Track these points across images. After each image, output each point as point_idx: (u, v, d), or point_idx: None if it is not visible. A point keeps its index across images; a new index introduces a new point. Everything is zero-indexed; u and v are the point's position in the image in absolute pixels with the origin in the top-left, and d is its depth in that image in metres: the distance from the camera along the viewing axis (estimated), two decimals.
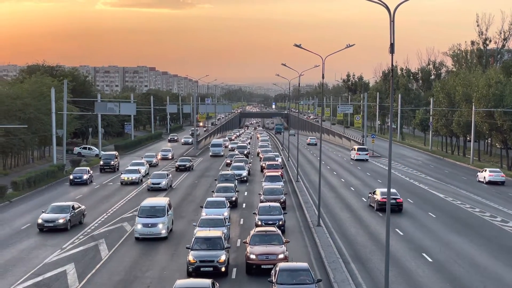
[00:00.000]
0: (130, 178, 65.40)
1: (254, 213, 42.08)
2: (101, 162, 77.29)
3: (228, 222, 40.14)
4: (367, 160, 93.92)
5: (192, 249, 31.53)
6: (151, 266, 33.42)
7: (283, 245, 32.31)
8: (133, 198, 56.65)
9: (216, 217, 38.97)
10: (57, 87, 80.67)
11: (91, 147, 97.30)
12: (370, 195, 51.91)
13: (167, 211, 40.09)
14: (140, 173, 67.27)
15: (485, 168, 73.28)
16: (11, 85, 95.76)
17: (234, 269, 32.56)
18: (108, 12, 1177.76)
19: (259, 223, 39.78)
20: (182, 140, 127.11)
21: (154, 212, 39.64)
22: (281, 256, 31.28)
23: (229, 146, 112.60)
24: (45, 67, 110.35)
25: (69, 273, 31.83)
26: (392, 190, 52.35)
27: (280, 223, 40.08)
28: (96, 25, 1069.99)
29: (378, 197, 50.05)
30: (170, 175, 63.76)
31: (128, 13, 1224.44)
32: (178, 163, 78.01)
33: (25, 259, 35.03)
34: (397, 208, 48.86)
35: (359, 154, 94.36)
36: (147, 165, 75.34)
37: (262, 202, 47.86)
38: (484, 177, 70.58)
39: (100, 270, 32.63)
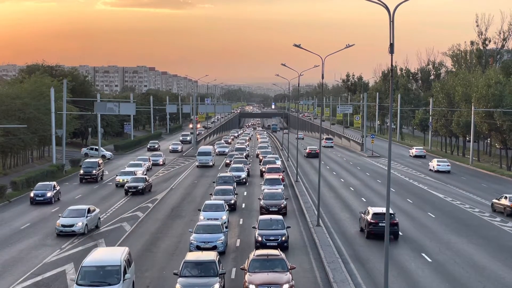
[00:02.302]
0: (125, 180, 61.96)
1: (254, 227, 37.81)
2: (81, 171, 67.32)
3: (226, 228, 37.58)
4: (332, 146, 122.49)
5: (180, 276, 27.10)
6: (151, 266, 33.42)
7: (288, 272, 27.93)
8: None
9: (213, 222, 36.97)
10: (57, 87, 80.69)
11: (98, 147, 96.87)
12: (304, 150, 65.19)
13: (124, 273, 26.28)
14: (135, 175, 64.68)
15: (413, 146, 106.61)
16: (10, 85, 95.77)
17: (234, 269, 32.58)
18: (108, 12, 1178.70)
19: (259, 238, 35.78)
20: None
21: (103, 276, 26.00)
22: (285, 286, 27.15)
23: (217, 150, 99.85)
24: (45, 67, 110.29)
25: (68, 273, 31.83)
26: (314, 147, 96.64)
27: (283, 238, 36.02)
28: (96, 25, 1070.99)
29: (307, 150, 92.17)
30: (97, 210, 44.33)
31: (128, 13, 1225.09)
32: (128, 184, 58.74)
33: (24, 259, 35.03)
34: (316, 156, 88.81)
35: (326, 142, 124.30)
36: (145, 166, 73.82)
37: (262, 208, 46.50)
38: (412, 152, 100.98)
39: None
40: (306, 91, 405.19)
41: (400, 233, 41.39)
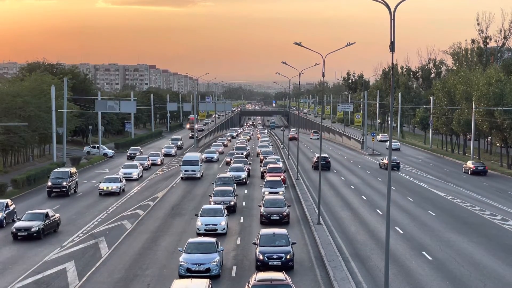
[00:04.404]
0: (109, 188, 56.48)
1: (254, 243, 33.61)
2: (49, 183, 56.18)
3: (221, 247, 32.59)
4: (318, 138, 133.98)
5: None
6: (151, 264, 33.44)
7: None
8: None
9: (207, 240, 32.62)
10: (57, 85, 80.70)
11: (98, 145, 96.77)
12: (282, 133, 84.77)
13: None
14: (122, 181, 58.49)
15: (379, 134, 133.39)
16: (11, 83, 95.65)
17: (234, 267, 32.61)
18: (109, 10, 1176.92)
19: (261, 257, 31.49)
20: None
21: None
22: None
23: (204, 156, 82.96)
24: (45, 65, 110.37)
25: (69, 271, 31.87)
26: (294, 134, 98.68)
27: (288, 257, 31.74)
28: (97, 23, 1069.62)
29: (289, 135, 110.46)
30: None
31: (129, 11, 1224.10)
32: (17, 224, 39.68)
33: (25, 257, 35.04)
34: (295, 139, 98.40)
35: (313, 135, 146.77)
36: (140, 168, 70.06)
37: (262, 216, 43.27)
38: (379, 138, 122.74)
39: (100, 268, 32.65)
40: (307, 89, 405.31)
41: (400, 231, 41.55)
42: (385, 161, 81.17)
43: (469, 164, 79.84)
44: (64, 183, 55.89)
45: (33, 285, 29.88)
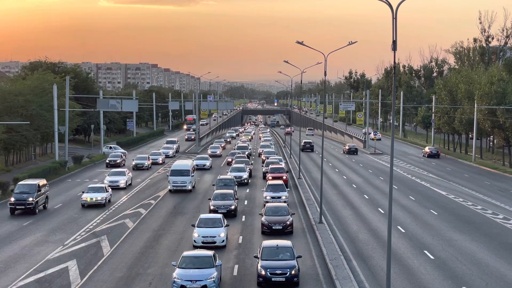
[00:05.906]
0: (94, 199, 49.79)
1: (256, 256, 30.86)
2: (12, 199, 47.09)
3: (219, 261, 29.96)
4: (312, 135, 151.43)
5: None
6: (153, 263, 33.47)
7: None
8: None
9: (203, 253, 29.80)
10: (59, 84, 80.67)
11: (112, 146, 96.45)
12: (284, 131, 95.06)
13: None
14: (107, 191, 51.45)
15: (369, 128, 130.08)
16: (13, 81, 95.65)
17: (236, 266, 32.62)
18: (111, 9, 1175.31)
19: (263, 272, 28.83)
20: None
21: None
22: None
23: (194, 163, 68.35)
24: (47, 64, 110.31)
25: (71, 270, 31.91)
26: (289, 130, 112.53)
27: (293, 272, 28.93)
28: (99, 21, 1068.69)
29: (284, 131, 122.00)
30: None
31: (132, 10, 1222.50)
32: None
33: (27, 255, 35.09)
34: (290, 135, 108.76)
35: (308, 131, 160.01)
36: (129, 174, 63.21)
37: (263, 225, 40.03)
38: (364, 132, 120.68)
39: (102, 266, 32.69)
40: (309, 88, 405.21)
41: (402, 230, 41.57)
42: (346, 147, 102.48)
43: (426, 149, 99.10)
44: (30, 199, 46.56)
45: (35, 283, 29.92)
